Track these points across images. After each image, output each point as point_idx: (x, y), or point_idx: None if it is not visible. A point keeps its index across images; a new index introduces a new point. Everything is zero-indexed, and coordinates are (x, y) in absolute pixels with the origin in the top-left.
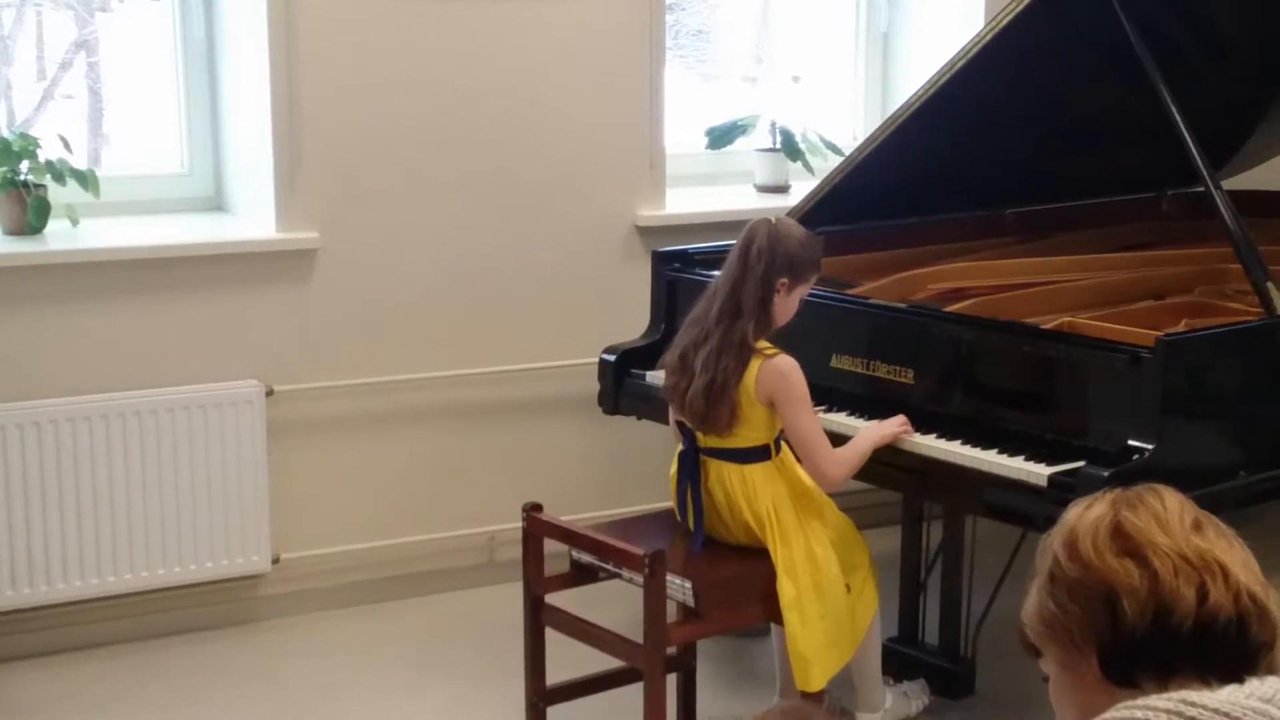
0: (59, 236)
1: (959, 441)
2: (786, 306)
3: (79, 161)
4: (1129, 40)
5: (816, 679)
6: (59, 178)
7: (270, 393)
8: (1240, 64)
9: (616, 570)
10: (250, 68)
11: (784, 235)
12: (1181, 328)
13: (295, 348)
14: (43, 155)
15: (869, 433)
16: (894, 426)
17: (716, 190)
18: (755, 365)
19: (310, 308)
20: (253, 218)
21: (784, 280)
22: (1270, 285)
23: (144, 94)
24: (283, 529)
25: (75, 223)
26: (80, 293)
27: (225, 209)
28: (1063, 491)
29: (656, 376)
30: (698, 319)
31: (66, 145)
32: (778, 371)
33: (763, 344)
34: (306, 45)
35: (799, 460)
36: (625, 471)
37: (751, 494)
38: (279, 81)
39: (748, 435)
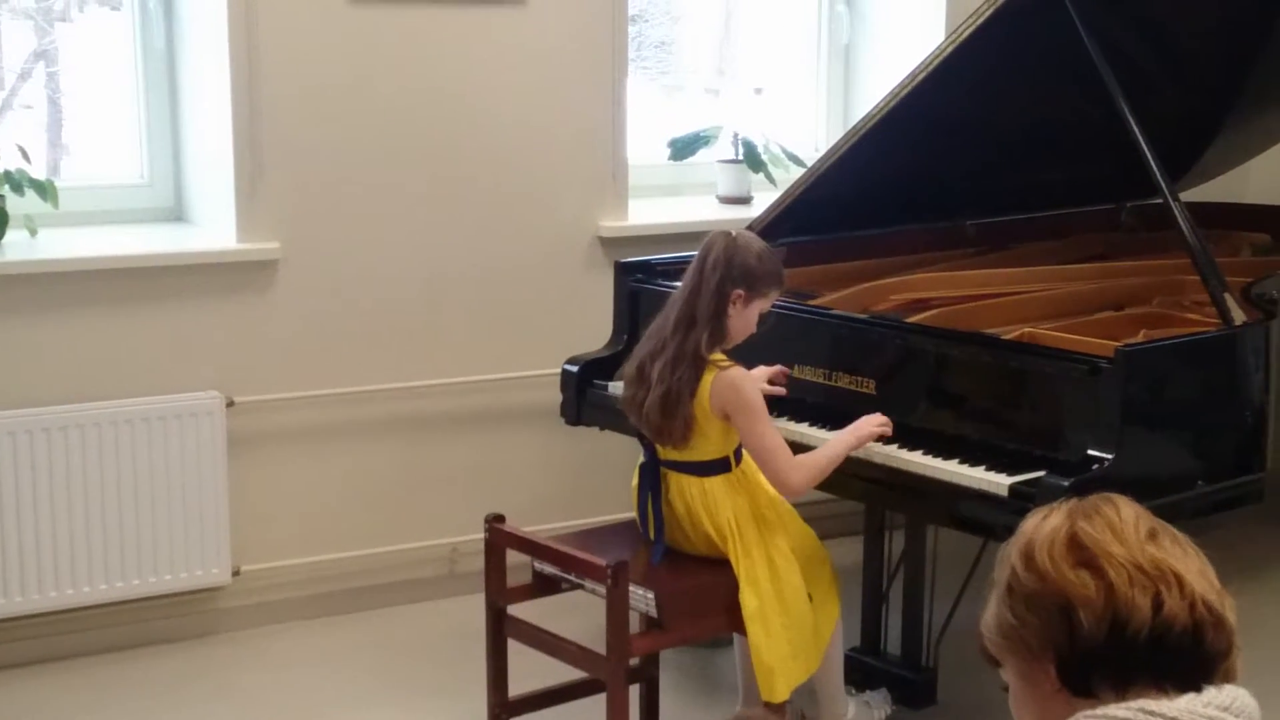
0: (17, 247)
1: (920, 452)
2: (744, 319)
3: (38, 172)
4: (1089, 53)
5: (781, 690)
6: (17, 188)
7: (231, 404)
8: (1198, 77)
9: (579, 581)
10: (211, 78)
11: (741, 247)
12: (1140, 338)
13: (256, 359)
14: (1, 165)
15: (844, 435)
16: (872, 425)
17: (679, 201)
18: (709, 378)
19: (271, 318)
20: (213, 228)
21: (739, 292)
22: (1228, 296)
23: (104, 104)
24: (243, 541)
25: (34, 233)
26: (39, 303)
27: (185, 219)
28: (1023, 501)
29: (618, 387)
30: (656, 330)
31: (25, 155)
32: (730, 384)
33: (717, 356)
34: (267, 56)
35: (760, 469)
36: (588, 482)
37: (712, 506)
38: (240, 92)
39: (705, 448)
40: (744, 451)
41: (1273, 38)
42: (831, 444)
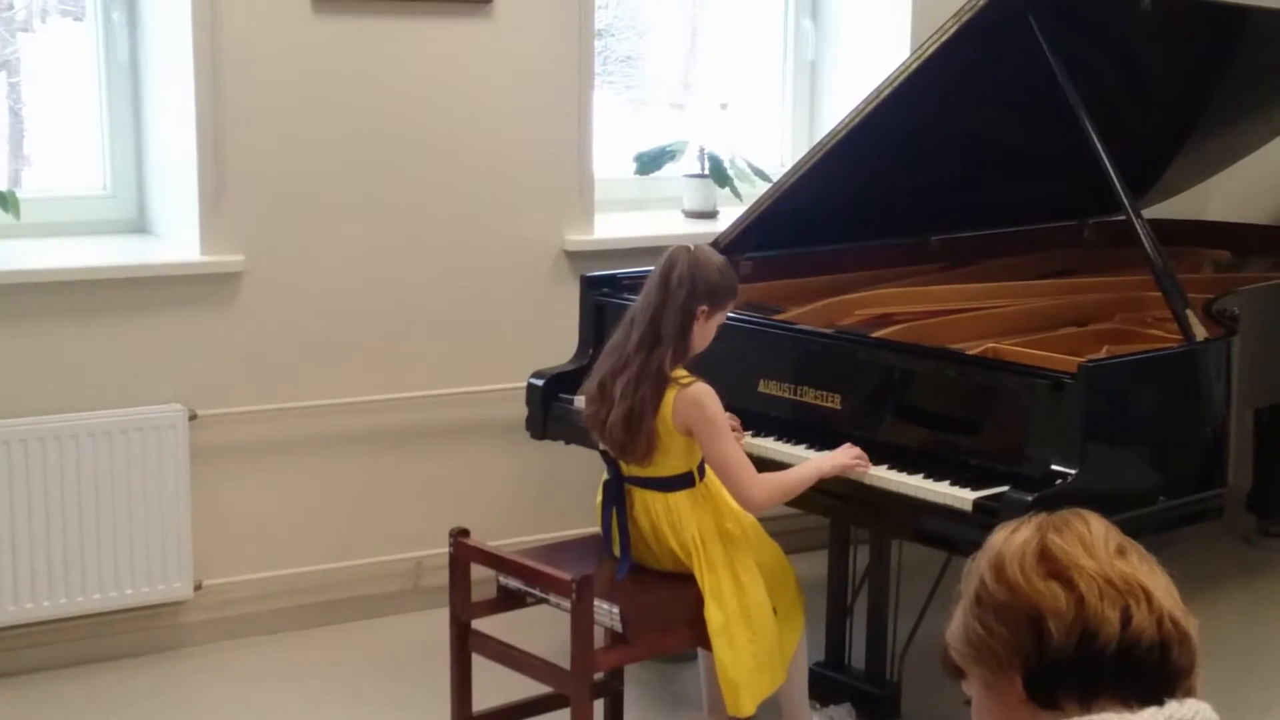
0: None
1: (885, 466)
2: (704, 333)
3: None
4: (1053, 71)
5: (746, 704)
6: None
7: (194, 417)
8: (1161, 95)
9: (544, 595)
10: (175, 89)
11: (704, 262)
12: (1103, 354)
13: (219, 371)
14: None
15: (817, 460)
16: (846, 457)
17: (645, 215)
18: (671, 395)
19: (235, 331)
20: (176, 240)
21: (704, 308)
22: (1189, 313)
23: (66, 115)
24: (206, 555)
25: None
26: (1, 315)
27: (148, 231)
28: (987, 516)
29: (583, 401)
30: (616, 346)
31: None
32: (693, 400)
33: (679, 373)
34: (232, 67)
35: (724, 484)
36: (553, 496)
37: (677, 522)
38: (204, 103)
39: (668, 464)
40: (707, 467)
41: (1233, 57)
42: (804, 467)
